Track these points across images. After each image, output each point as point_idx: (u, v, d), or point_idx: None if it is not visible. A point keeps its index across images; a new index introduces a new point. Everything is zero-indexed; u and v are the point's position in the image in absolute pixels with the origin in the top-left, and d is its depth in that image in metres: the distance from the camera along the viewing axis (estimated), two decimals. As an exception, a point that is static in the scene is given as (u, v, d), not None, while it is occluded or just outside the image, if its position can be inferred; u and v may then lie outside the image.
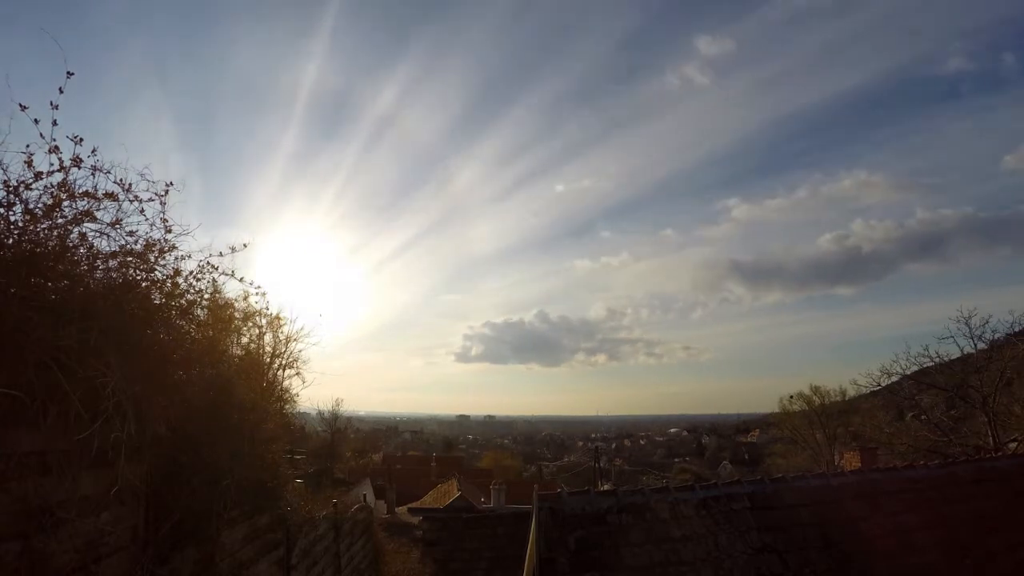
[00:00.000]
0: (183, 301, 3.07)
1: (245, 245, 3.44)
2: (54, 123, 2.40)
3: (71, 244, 2.40)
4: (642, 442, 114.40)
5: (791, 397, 38.16)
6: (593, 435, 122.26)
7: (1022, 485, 5.46)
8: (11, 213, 2.22)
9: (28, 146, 2.35)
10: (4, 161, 2.27)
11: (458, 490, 28.07)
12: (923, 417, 20.14)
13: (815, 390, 36.37)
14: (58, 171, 2.41)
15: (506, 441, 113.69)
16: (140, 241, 2.73)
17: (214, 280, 3.43)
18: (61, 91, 2.46)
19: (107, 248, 2.56)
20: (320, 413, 33.78)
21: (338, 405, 34.87)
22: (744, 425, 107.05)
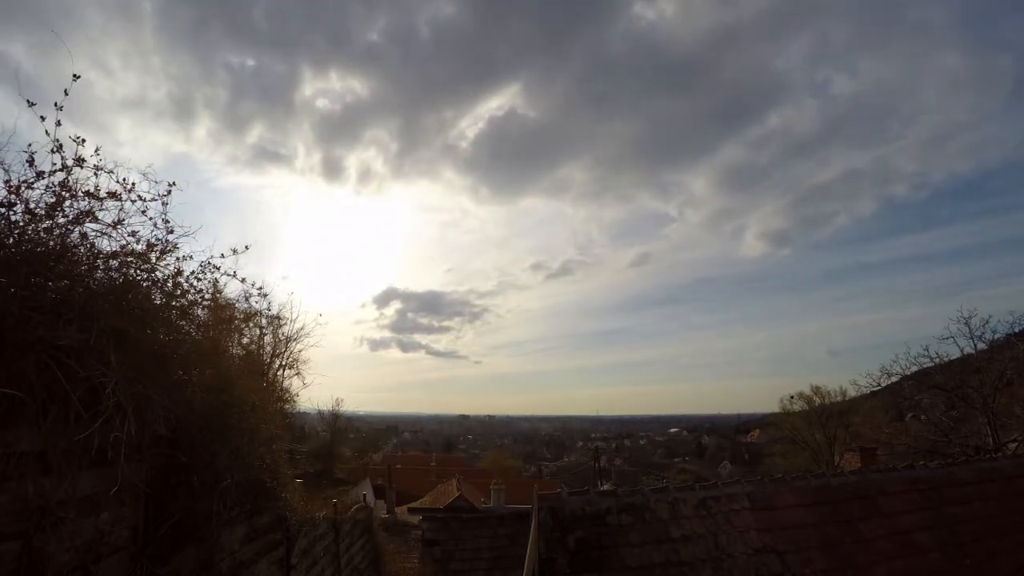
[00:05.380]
0: (184, 301, 3.07)
1: (247, 248, 3.45)
2: (58, 123, 2.41)
3: (72, 244, 2.40)
4: (642, 442, 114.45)
5: (791, 397, 38.16)
6: (593, 435, 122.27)
7: (1022, 485, 5.45)
8: (12, 213, 2.22)
9: (30, 145, 2.35)
10: (6, 161, 2.28)
11: (458, 490, 28.05)
12: (923, 417, 20.15)
13: (815, 390, 36.37)
14: (60, 171, 2.42)
15: (506, 441, 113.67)
16: (142, 241, 2.73)
17: (215, 280, 3.44)
18: (66, 93, 2.46)
19: (108, 248, 2.57)
20: (320, 413, 33.80)
21: (338, 405, 34.90)
22: (744, 425, 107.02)
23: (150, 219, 2.80)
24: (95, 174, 2.54)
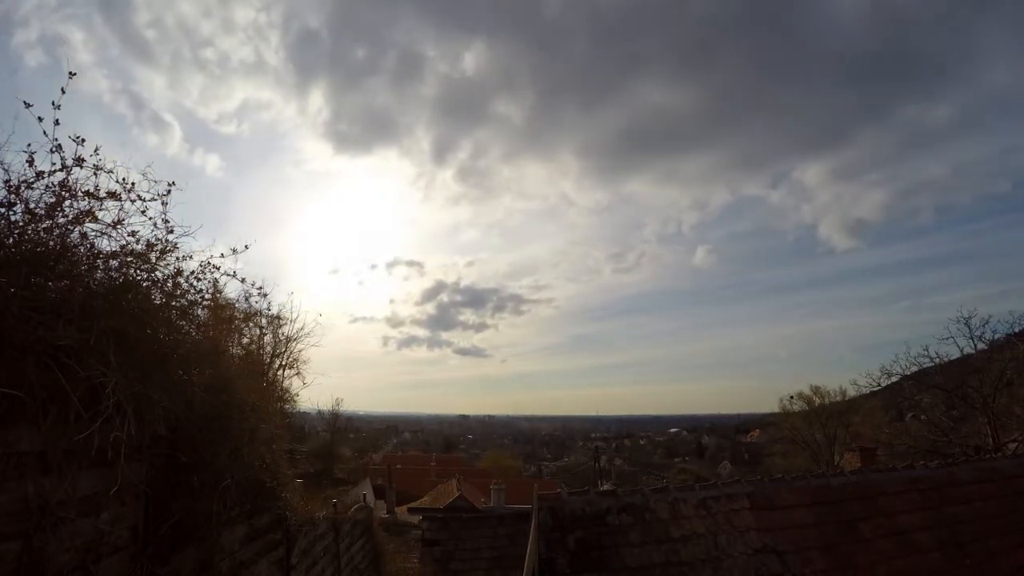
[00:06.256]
0: (184, 301, 3.07)
1: (247, 247, 3.45)
2: (56, 123, 2.41)
3: (72, 244, 2.40)
4: (642, 442, 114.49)
5: (791, 397, 38.10)
6: (593, 435, 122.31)
7: (1022, 485, 5.46)
8: (12, 213, 2.22)
9: (29, 145, 2.35)
10: (6, 161, 2.28)
11: (458, 490, 28.06)
12: (923, 417, 20.16)
13: (815, 390, 36.32)
14: (60, 170, 2.42)
15: (506, 441, 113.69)
16: (142, 241, 2.73)
17: (215, 280, 3.44)
18: (63, 91, 2.46)
19: (108, 248, 2.57)
20: (320, 413, 33.81)
21: (338, 405, 34.92)
22: (744, 425, 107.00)
23: (150, 219, 2.80)
24: (95, 174, 2.54)
